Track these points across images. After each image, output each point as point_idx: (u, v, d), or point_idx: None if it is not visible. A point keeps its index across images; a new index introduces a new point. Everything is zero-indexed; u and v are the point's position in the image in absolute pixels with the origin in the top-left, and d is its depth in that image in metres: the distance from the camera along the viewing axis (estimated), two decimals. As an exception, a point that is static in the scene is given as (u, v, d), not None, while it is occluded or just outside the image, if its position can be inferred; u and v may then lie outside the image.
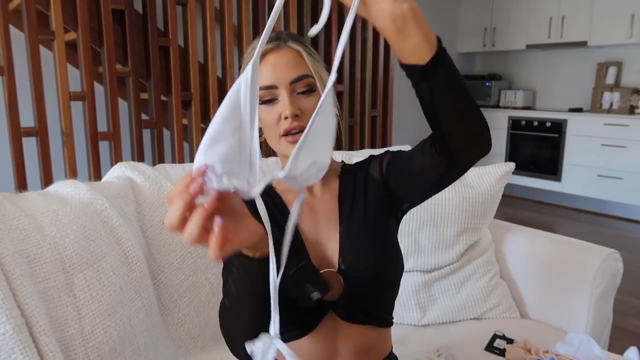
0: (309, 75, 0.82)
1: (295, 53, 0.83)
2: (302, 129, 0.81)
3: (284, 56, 0.82)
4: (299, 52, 0.83)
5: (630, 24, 4.17)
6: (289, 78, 0.81)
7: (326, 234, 0.89)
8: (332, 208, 0.90)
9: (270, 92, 0.81)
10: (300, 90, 0.82)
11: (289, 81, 0.81)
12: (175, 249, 1.22)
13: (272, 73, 0.81)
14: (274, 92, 0.81)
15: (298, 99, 0.82)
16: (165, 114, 2.39)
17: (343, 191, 0.92)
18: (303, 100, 0.82)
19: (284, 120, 0.81)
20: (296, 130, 0.81)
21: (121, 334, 0.99)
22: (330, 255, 0.87)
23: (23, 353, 0.78)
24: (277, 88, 0.81)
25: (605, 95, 4.49)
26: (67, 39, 2.06)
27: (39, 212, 0.98)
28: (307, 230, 0.89)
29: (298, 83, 0.81)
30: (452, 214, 1.49)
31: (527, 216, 4.34)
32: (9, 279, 0.83)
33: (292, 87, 0.81)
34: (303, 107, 0.82)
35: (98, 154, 2.14)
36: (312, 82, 0.83)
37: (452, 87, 0.65)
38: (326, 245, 0.88)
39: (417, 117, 5.27)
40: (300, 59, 0.83)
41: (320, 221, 0.90)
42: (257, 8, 2.57)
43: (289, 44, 0.83)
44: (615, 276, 1.46)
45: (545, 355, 1.20)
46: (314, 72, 0.83)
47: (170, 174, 1.32)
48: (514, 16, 4.99)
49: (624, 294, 2.66)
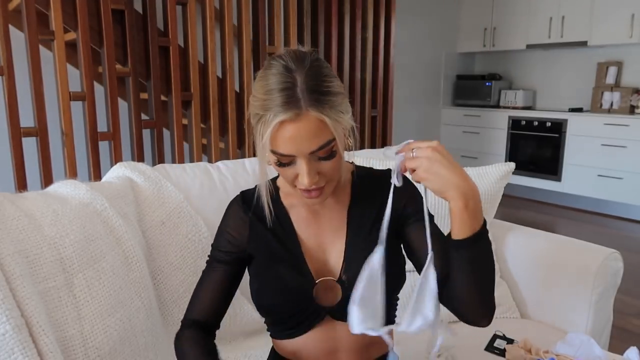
0: (331, 141, 0.76)
1: (317, 121, 0.73)
2: (320, 188, 0.80)
3: (304, 127, 0.73)
4: (321, 119, 0.73)
5: (630, 24, 4.16)
6: (309, 149, 0.75)
7: (329, 242, 0.88)
8: (339, 216, 0.89)
9: (287, 158, 0.76)
10: (321, 156, 0.77)
11: (309, 152, 0.75)
12: (175, 249, 1.22)
13: (290, 145, 0.74)
14: (292, 158, 0.77)
15: (317, 163, 0.77)
16: (165, 114, 2.39)
17: (354, 201, 0.91)
18: (323, 164, 0.78)
19: (301, 182, 0.78)
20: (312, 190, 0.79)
21: (121, 334, 0.99)
22: (332, 264, 0.87)
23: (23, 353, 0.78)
24: (295, 156, 0.76)
25: (605, 95, 4.49)
26: (67, 38, 2.06)
27: (38, 212, 0.98)
28: (308, 237, 0.88)
29: (318, 152, 0.76)
30: (452, 214, 1.48)
31: (527, 216, 4.34)
32: (9, 279, 0.83)
33: (311, 156, 0.76)
34: (322, 169, 0.78)
35: (98, 154, 2.14)
36: (333, 146, 0.77)
37: (484, 261, 0.79)
38: (328, 253, 0.87)
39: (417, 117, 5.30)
40: (322, 126, 0.74)
41: (324, 228, 0.89)
42: (257, 8, 2.57)
43: (310, 111, 0.72)
44: (616, 276, 1.45)
45: (545, 355, 1.20)
46: (336, 135, 0.76)
47: (170, 174, 1.32)
48: (514, 16, 4.99)
49: (624, 294, 2.66)
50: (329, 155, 0.77)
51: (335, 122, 0.75)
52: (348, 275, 0.84)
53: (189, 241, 1.24)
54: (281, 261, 0.87)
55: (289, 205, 0.90)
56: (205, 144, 2.54)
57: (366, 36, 3.06)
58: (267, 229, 0.89)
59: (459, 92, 5.48)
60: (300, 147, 0.74)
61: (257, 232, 0.89)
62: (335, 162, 0.79)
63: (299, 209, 0.90)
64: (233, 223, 0.91)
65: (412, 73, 5.06)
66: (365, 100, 3.13)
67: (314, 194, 0.80)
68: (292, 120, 0.72)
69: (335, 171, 0.81)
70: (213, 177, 1.38)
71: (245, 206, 0.91)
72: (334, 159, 0.78)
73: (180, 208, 1.25)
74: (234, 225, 0.91)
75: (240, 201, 0.92)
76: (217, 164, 1.44)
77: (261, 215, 0.89)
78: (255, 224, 0.89)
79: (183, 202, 1.26)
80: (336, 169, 0.80)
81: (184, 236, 1.24)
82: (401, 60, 4.65)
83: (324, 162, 0.77)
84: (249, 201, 0.92)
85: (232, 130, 2.54)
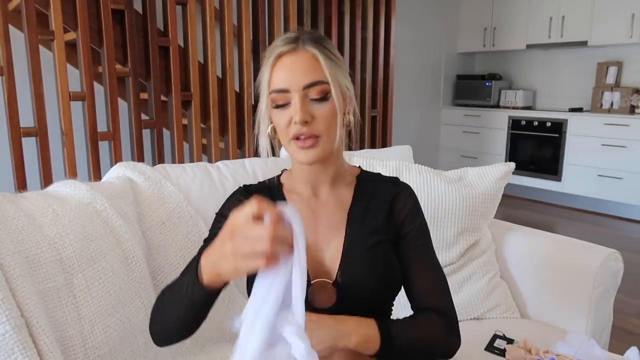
0: (323, 81, 0.80)
1: (311, 57, 0.80)
2: (311, 135, 0.80)
3: (299, 60, 0.79)
4: (316, 56, 0.80)
5: (630, 24, 4.16)
6: (302, 83, 0.79)
7: (326, 241, 0.86)
8: (338, 216, 0.88)
9: (284, 95, 0.80)
10: (314, 96, 0.80)
11: (302, 86, 0.79)
12: (175, 249, 1.22)
13: (285, 76, 0.79)
14: (287, 95, 0.80)
15: (311, 105, 0.80)
16: (165, 114, 2.39)
17: (356, 202, 0.90)
18: (315, 107, 0.80)
19: (294, 125, 0.80)
20: (305, 136, 0.80)
21: (121, 334, 0.99)
22: (328, 264, 0.85)
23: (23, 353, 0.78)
24: (290, 92, 0.80)
25: (605, 95, 4.49)
26: (67, 38, 2.06)
27: (38, 212, 0.98)
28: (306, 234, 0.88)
29: (311, 89, 0.79)
30: (452, 214, 1.48)
31: (527, 216, 4.34)
32: (9, 279, 0.83)
33: (304, 92, 0.79)
34: (314, 114, 0.80)
35: (98, 154, 2.14)
36: (326, 88, 0.80)
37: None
38: (324, 253, 0.86)
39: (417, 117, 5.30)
40: (316, 63, 0.80)
41: (322, 226, 0.88)
42: (257, 8, 2.57)
43: (306, 47, 0.80)
44: (616, 276, 1.45)
45: (545, 355, 1.20)
46: (330, 78, 0.80)
47: (170, 174, 1.32)
48: (514, 16, 4.99)
49: (624, 294, 2.66)
50: (322, 97, 0.80)
51: (331, 65, 0.81)
52: (344, 279, 0.83)
53: (189, 241, 1.24)
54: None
55: (290, 200, 0.90)
56: (205, 144, 2.54)
57: (366, 36, 3.06)
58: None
59: (459, 92, 5.48)
60: (294, 79, 0.79)
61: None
62: (329, 110, 0.81)
63: (299, 205, 0.89)
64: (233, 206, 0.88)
65: (412, 73, 5.06)
66: (365, 100, 3.13)
67: (308, 142, 0.80)
68: (288, 52, 0.80)
69: (329, 124, 0.82)
70: (213, 177, 1.38)
71: (248, 195, 0.91)
72: (328, 107, 0.81)
73: (180, 208, 1.25)
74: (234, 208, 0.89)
75: (243, 191, 0.92)
76: (217, 164, 1.45)
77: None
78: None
79: (183, 202, 1.26)
80: (329, 120, 0.82)
81: (184, 236, 1.24)
82: (401, 60, 4.65)
83: (318, 104, 0.80)
84: (252, 192, 0.92)
85: (232, 130, 2.54)
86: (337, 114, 0.82)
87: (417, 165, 1.58)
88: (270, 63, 0.81)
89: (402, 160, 1.64)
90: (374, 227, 0.87)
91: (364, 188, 0.92)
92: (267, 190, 0.93)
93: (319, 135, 0.81)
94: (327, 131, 0.82)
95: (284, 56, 0.80)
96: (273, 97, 0.81)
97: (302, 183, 0.91)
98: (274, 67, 0.80)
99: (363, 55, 3.08)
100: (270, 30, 2.64)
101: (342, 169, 0.93)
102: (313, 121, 0.80)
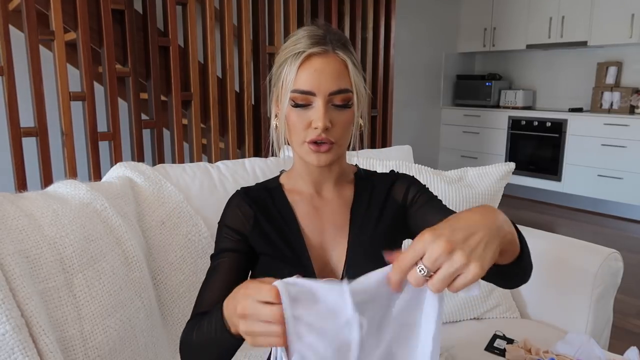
0: (349, 90, 0.80)
1: (341, 63, 0.80)
2: (329, 142, 0.80)
3: (330, 65, 0.79)
4: (345, 63, 0.80)
5: (630, 24, 4.17)
6: (330, 89, 0.78)
7: (332, 240, 0.87)
8: (341, 215, 0.89)
9: (307, 97, 0.79)
10: (337, 103, 0.80)
11: (329, 92, 0.78)
12: (175, 249, 1.22)
13: (313, 79, 0.78)
14: (310, 98, 0.79)
15: (332, 111, 0.80)
16: (165, 114, 2.39)
17: (357, 200, 0.90)
18: (337, 114, 0.80)
19: (313, 129, 0.80)
20: (322, 141, 0.80)
21: (121, 334, 0.99)
22: (335, 262, 0.86)
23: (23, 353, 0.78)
24: (315, 95, 0.79)
25: (605, 95, 4.49)
26: (67, 39, 2.05)
27: (38, 212, 0.98)
28: (311, 234, 0.87)
29: (337, 96, 0.79)
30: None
31: (527, 216, 4.33)
32: (9, 279, 0.83)
33: (329, 98, 0.79)
34: (334, 120, 0.80)
35: (98, 154, 2.14)
36: (350, 97, 0.80)
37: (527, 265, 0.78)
38: (331, 252, 0.86)
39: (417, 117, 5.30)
40: (345, 71, 0.80)
41: (327, 226, 0.88)
42: (257, 8, 2.57)
43: (337, 52, 0.80)
44: (616, 276, 1.45)
45: (545, 355, 1.20)
46: (355, 87, 0.81)
47: (170, 174, 1.32)
48: (514, 16, 4.99)
49: (624, 294, 2.66)
50: (344, 105, 0.80)
51: (355, 75, 0.81)
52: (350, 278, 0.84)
53: (189, 241, 1.24)
54: (284, 257, 0.86)
55: (292, 201, 0.90)
56: (205, 144, 2.54)
57: (366, 36, 3.05)
58: (270, 223, 0.88)
59: (459, 92, 5.48)
60: (322, 83, 0.78)
61: (261, 227, 0.88)
62: (348, 118, 0.81)
63: (302, 205, 0.89)
64: (236, 214, 0.89)
65: (412, 73, 5.06)
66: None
67: (324, 148, 0.80)
68: (319, 55, 0.78)
69: (345, 131, 0.82)
70: (213, 177, 1.38)
71: (249, 199, 0.90)
72: (347, 115, 0.81)
73: (180, 208, 1.25)
74: (238, 217, 0.89)
75: (242, 194, 0.92)
76: (217, 164, 1.45)
77: (264, 209, 0.89)
78: (259, 217, 0.88)
79: (183, 202, 1.26)
80: (347, 127, 0.82)
81: (184, 236, 1.24)
82: (401, 60, 4.65)
83: (339, 112, 0.80)
84: (252, 196, 0.91)
85: (232, 130, 2.54)
86: (354, 121, 0.83)
87: (417, 165, 1.58)
88: (298, 62, 0.79)
89: (402, 160, 1.64)
90: (376, 223, 0.88)
91: (363, 184, 0.93)
92: (267, 192, 0.93)
93: (335, 141, 0.81)
94: (342, 137, 0.82)
95: (313, 57, 0.78)
96: (294, 96, 0.79)
97: (306, 182, 0.91)
98: (302, 66, 0.79)
99: (363, 55, 3.08)
100: (270, 30, 2.64)
101: (345, 168, 0.94)
102: (332, 128, 0.80)
